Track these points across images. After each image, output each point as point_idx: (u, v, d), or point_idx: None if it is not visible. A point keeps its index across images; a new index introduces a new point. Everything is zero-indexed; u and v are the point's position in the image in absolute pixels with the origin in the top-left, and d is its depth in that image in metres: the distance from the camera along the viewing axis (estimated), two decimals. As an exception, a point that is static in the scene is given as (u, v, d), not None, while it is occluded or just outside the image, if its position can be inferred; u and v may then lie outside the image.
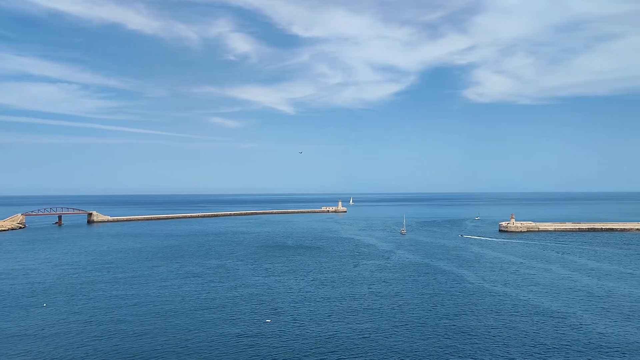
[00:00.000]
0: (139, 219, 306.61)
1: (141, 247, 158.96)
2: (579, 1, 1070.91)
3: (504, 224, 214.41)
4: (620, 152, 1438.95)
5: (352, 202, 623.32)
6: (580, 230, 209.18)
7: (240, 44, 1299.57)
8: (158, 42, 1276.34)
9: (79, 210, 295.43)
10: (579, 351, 56.40)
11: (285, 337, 62.22)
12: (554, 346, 58.03)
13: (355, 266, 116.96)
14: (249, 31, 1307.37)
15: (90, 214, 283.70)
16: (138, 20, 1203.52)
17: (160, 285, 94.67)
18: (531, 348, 57.42)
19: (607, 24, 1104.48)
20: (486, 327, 65.79)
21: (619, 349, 56.98)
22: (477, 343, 59.45)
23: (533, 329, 64.75)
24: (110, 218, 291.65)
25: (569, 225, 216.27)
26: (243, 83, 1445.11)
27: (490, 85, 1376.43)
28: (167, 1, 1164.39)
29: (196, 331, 64.70)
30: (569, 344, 58.90)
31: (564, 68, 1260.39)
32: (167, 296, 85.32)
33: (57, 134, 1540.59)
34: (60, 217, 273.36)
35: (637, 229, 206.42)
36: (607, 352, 56.03)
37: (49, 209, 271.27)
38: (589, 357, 54.42)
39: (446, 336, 62.23)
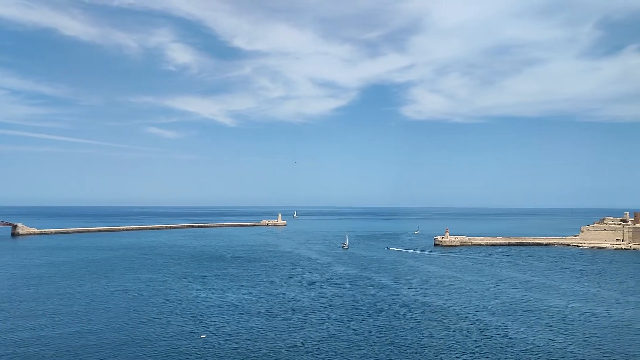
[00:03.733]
0: (69, 232, 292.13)
1: (69, 261, 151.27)
2: (509, 27, 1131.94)
3: (439, 238, 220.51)
4: (546, 170, 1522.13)
5: (296, 215, 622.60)
6: (509, 244, 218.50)
7: (181, 54, 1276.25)
8: (95, 49, 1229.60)
9: (3, 222, 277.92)
10: (507, 357, 58.61)
11: (220, 352, 60.75)
12: (483, 353, 59.88)
13: (291, 279, 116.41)
14: (190, 42, 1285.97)
15: (15, 226, 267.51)
16: (74, 27, 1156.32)
17: (87, 300, 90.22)
18: (462, 355, 58.96)
19: (533, 49, 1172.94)
20: (418, 337, 66.99)
21: (542, 355, 59.59)
22: (408, 351, 60.38)
23: (463, 338, 66.60)
24: (37, 230, 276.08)
25: (499, 240, 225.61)
26: (182, 94, 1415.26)
27: (427, 103, 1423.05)
28: (106, 8, 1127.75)
29: (125, 347, 61.91)
30: (497, 351, 60.99)
31: (495, 89, 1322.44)
32: (93, 311, 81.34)
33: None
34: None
35: (561, 243, 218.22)
36: (532, 359, 58.52)
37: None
38: (515, 366, 56.58)
39: (378, 346, 62.83)
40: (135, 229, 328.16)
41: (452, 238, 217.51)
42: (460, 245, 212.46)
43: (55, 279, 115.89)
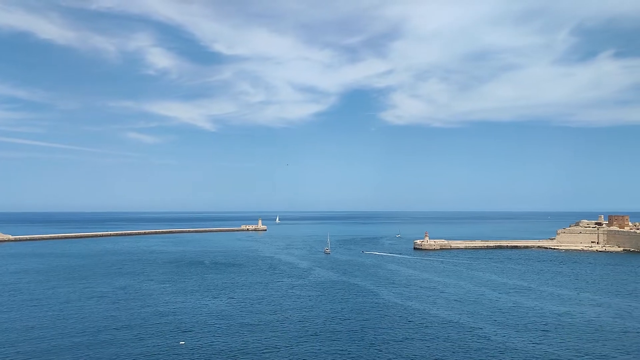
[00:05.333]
0: (44, 238, 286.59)
1: (44, 267, 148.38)
2: (486, 33, 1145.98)
3: (418, 241, 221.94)
4: (523, 174, 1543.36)
5: (279, 220, 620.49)
6: (488, 247, 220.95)
7: (160, 58, 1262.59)
8: (72, 53, 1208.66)
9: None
10: (484, 358, 59.17)
11: (200, 358, 60.09)
12: (461, 354, 60.36)
13: (271, 284, 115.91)
14: (170, 46, 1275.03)
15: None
16: (50, 30, 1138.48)
17: (61, 307, 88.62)
18: (440, 357, 59.45)
19: (510, 55, 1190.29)
20: (398, 339, 67.25)
21: (519, 356, 60.31)
22: (388, 353, 60.55)
23: (441, 340, 67.02)
24: (11, 237, 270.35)
25: (478, 243, 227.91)
26: (162, 98, 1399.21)
27: (406, 108, 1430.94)
28: (84, 12, 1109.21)
29: (101, 354, 60.83)
30: (475, 352, 61.53)
31: (473, 94, 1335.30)
32: (69, 318, 79.84)
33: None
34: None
35: (538, 246, 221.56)
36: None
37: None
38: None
39: (357, 348, 62.89)
40: (113, 235, 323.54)
41: (432, 242, 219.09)
42: (440, 248, 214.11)
43: (30, 286, 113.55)
